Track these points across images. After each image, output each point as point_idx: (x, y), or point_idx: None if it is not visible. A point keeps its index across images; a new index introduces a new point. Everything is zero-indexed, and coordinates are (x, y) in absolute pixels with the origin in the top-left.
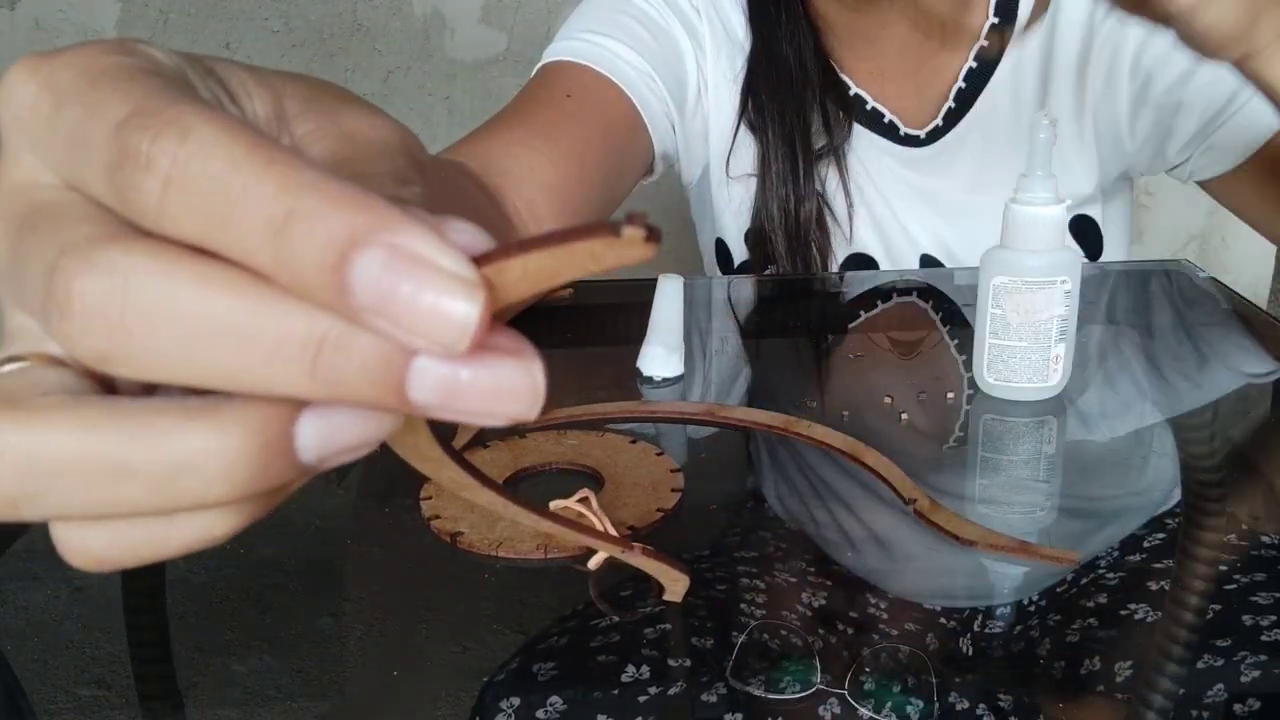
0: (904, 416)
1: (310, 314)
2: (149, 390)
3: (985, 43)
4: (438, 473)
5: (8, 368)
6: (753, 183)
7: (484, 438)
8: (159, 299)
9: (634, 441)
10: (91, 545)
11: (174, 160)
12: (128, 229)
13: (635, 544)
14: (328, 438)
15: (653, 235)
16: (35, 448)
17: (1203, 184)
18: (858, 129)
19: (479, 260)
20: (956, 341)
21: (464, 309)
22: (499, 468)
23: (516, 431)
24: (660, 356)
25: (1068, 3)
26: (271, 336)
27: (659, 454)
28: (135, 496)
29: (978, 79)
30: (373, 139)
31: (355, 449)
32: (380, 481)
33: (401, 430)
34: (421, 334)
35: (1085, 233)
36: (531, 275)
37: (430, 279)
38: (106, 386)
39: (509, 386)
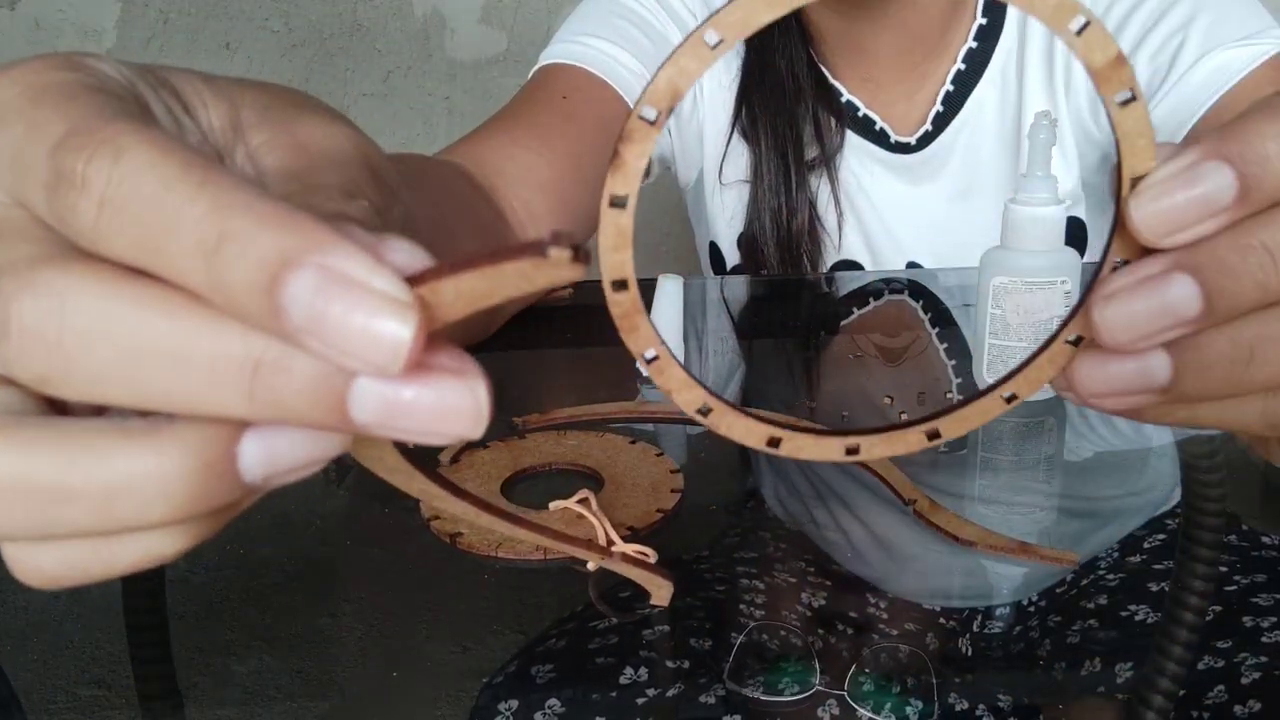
0: (903, 416)
1: (247, 335)
2: (99, 412)
3: (974, 44)
4: (407, 485)
5: None
6: (746, 189)
7: (483, 439)
8: (95, 321)
9: (634, 442)
10: (42, 564)
11: (108, 181)
12: (69, 249)
13: (615, 551)
14: (272, 458)
15: (580, 255)
16: None
17: None
18: (850, 137)
19: (413, 280)
20: (946, 345)
21: (395, 329)
22: (498, 468)
23: (516, 431)
24: None
25: None
26: (207, 358)
27: (659, 454)
28: (76, 518)
29: (965, 82)
30: (327, 149)
31: (302, 468)
32: (380, 482)
33: (364, 444)
34: (354, 355)
35: (1071, 234)
36: (465, 295)
37: (361, 300)
38: (58, 408)
39: (451, 406)
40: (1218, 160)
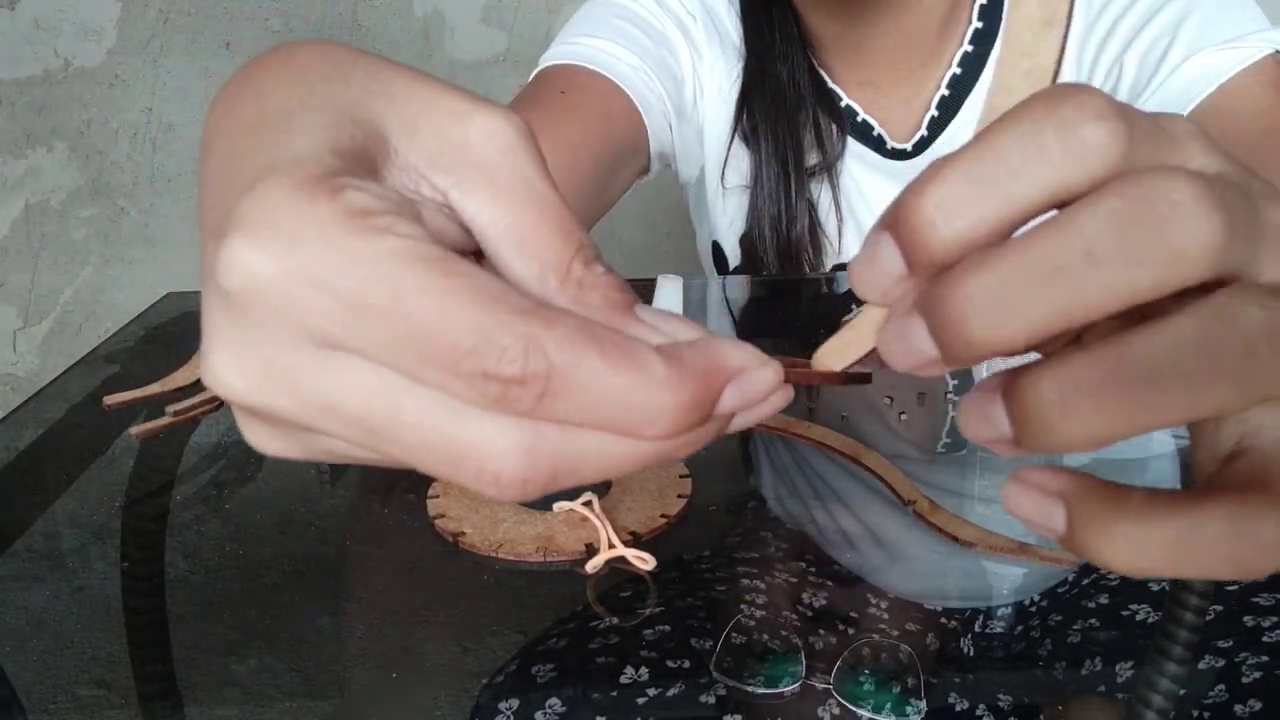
0: (903, 416)
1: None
2: None
3: (969, 48)
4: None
5: None
6: (747, 194)
7: None
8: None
9: None
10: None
11: (546, 384)
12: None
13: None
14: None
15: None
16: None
17: None
18: (850, 143)
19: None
20: None
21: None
22: None
23: None
24: None
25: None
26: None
27: None
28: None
29: (961, 86)
30: (517, 177)
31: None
32: (381, 481)
33: None
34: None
35: None
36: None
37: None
38: None
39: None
40: (882, 231)
